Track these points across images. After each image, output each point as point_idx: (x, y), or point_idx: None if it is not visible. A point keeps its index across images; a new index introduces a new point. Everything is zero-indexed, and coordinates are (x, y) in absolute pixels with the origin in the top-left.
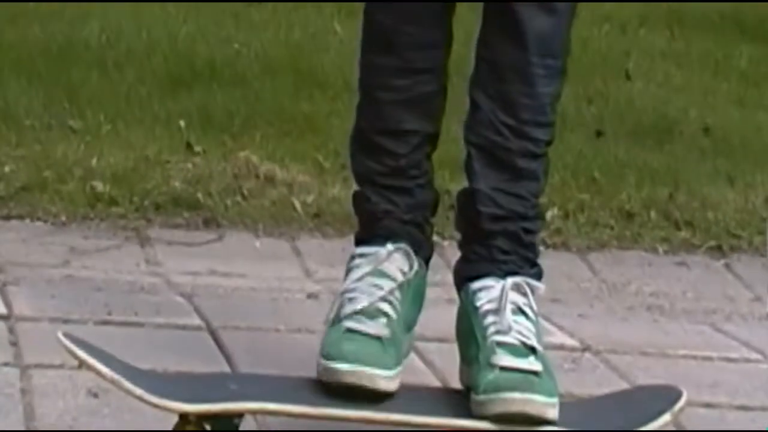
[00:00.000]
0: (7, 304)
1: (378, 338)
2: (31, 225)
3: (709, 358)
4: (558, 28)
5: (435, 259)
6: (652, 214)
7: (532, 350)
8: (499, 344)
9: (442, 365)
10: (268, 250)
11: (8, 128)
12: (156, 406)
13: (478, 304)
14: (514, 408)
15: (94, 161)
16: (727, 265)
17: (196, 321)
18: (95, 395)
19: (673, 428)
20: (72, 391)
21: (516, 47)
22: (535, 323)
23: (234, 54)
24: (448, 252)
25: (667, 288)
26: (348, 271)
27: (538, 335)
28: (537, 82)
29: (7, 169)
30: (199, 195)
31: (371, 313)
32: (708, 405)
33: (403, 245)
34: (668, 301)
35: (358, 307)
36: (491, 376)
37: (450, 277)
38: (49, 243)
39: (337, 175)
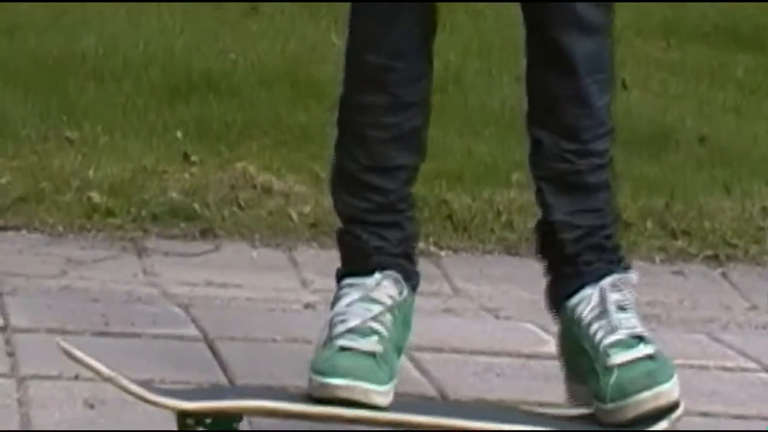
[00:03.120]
0: (4, 315)
1: (371, 354)
2: (27, 236)
3: (706, 367)
4: (602, 44)
5: (432, 269)
6: (649, 223)
7: (640, 338)
8: (610, 345)
9: (438, 375)
10: (264, 261)
11: (5, 139)
12: (154, 403)
13: (580, 317)
14: (647, 407)
15: (91, 172)
16: (723, 274)
17: (193, 332)
18: (92, 406)
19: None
20: (68, 402)
21: (567, 75)
22: (635, 314)
23: (231, 65)
24: (445, 262)
25: (664, 297)
26: (336, 299)
27: (641, 323)
28: (593, 100)
29: (3, 180)
30: (196, 205)
31: (363, 331)
32: (705, 414)
33: (392, 272)
34: (665, 311)
35: (350, 325)
36: (612, 379)
37: (446, 287)
38: (45, 254)
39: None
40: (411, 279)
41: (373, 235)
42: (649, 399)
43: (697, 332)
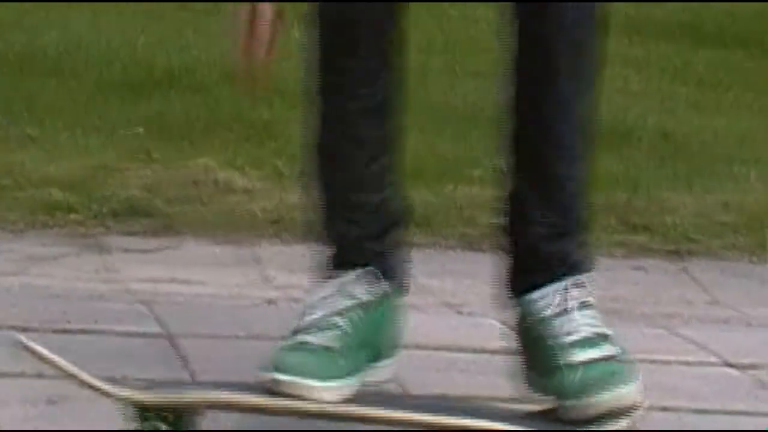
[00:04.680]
0: None
1: (325, 348)
2: None
3: (667, 362)
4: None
5: None
6: (611, 219)
7: (604, 336)
8: (572, 344)
9: (401, 371)
10: (227, 257)
11: None
12: (114, 396)
13: (541, 314)
14: (607, 408)
15: (52, 169)
16: (685, 269)
17: (156, 328)
18: (54, 403)
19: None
20: (30, 399)
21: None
22: (596, 309)
23: (192, 61)
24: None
25: (625, 292)
26: (313, 288)
27: (604, 323)
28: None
29: None
30: (158, 202)
31: (323, 325)
32: (666, 409)
33: (371, 268)
34: (626, 306)
35: (312, 318)
36: (574, 377)
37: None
38: (6, 251)
39: (297, 181)
40: (393, 274)
41: (349, 216)
42: (609, 400)
43: (658, 327)
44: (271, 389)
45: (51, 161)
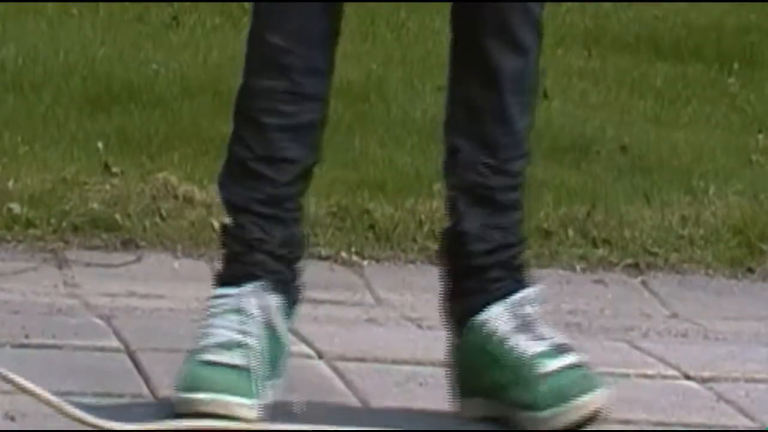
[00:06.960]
0: None
1: (235, 367)
2: None
3: (627, 375)
4: (529, 65)
5: (354, 279)
6: (570, 232)
7: (565, 347)
8: (538, 355)
9: (361, 385)
10: (186, 271)
11: None
12: (95, 426)
13: (495, 332)
14: (587, 411)
15: (11, 183)
16: (643, 283)
17: (115, 343)
18: (12, 419)
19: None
20: None
21: (491, 90)
22: (548, 323)
23: (152, 75)
24: (368, 272)
25: (585, 305)
26: (208, 313)
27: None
28: (514, 120)
29: None
30: (118, 216)
31: (228, 345)
32: (625, 422)
33: (263, 284)
34: (586, 319)
35: (215, 340)
36: (546, 387)
37: (369, 297)
38: None
39: None
40: (287, 292)
41: (258, 227)
42: (588, 403)
43: (617, 340)
44: (186, 410)
45: (10, 176)
